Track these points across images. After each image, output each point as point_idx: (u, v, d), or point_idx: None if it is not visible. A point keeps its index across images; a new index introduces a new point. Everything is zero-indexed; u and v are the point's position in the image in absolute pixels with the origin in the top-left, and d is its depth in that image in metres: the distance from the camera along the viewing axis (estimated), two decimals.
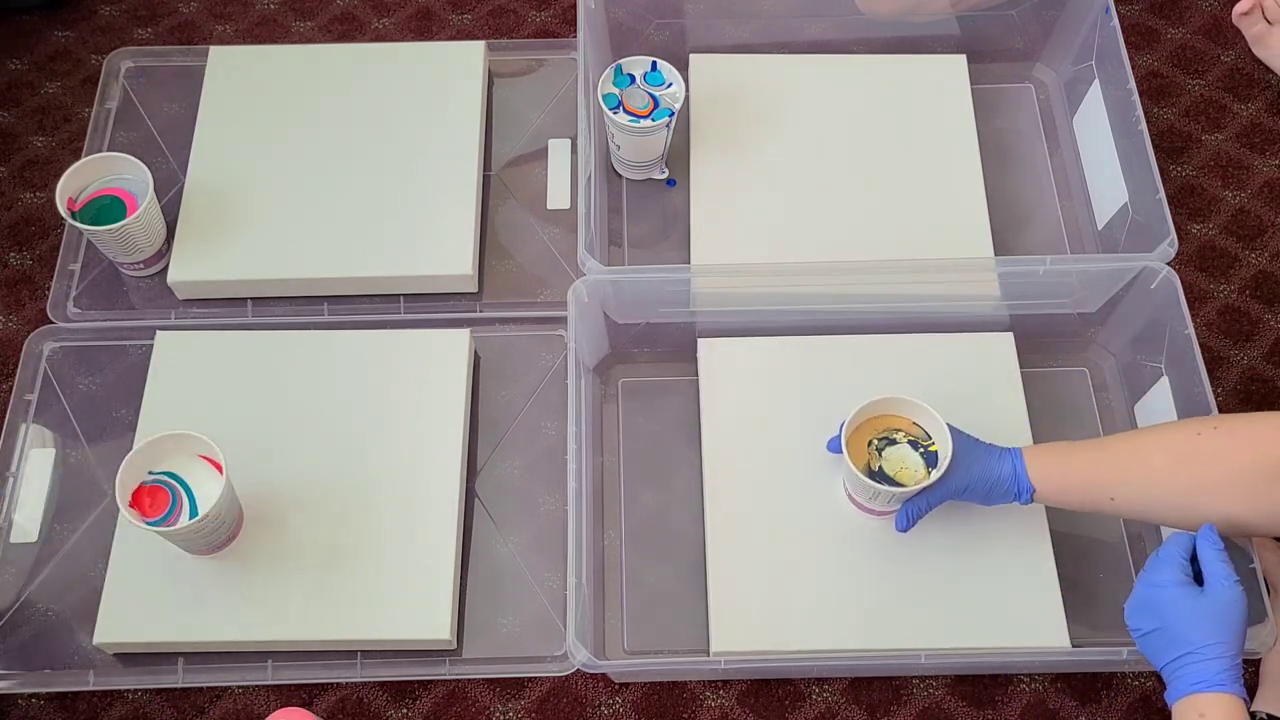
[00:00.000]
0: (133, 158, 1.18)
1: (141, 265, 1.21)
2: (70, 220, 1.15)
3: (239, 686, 1.06)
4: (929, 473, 1.03)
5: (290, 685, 1.06)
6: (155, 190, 1.17)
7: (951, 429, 1.02)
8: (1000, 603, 1.06)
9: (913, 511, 1.03)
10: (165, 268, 1.21)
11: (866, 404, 1.05)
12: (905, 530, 1.04)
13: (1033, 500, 1.00)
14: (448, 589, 1.06)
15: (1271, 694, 1.02)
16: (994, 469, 1.00)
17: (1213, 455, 0.94)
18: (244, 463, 1.11)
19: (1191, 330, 1.09)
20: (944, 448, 1.03)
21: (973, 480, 1.01)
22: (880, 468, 1.04)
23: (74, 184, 1.17)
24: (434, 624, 1.05)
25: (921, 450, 1.04)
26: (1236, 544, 1.00)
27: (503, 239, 1.26)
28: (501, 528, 1.12)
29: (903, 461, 1.04)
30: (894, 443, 1.05)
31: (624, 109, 1.21)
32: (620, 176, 1.29)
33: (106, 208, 1.17)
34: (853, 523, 1.09)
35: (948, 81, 1.32)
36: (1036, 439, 1.12)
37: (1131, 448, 0.98)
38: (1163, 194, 1.13)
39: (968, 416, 1.07)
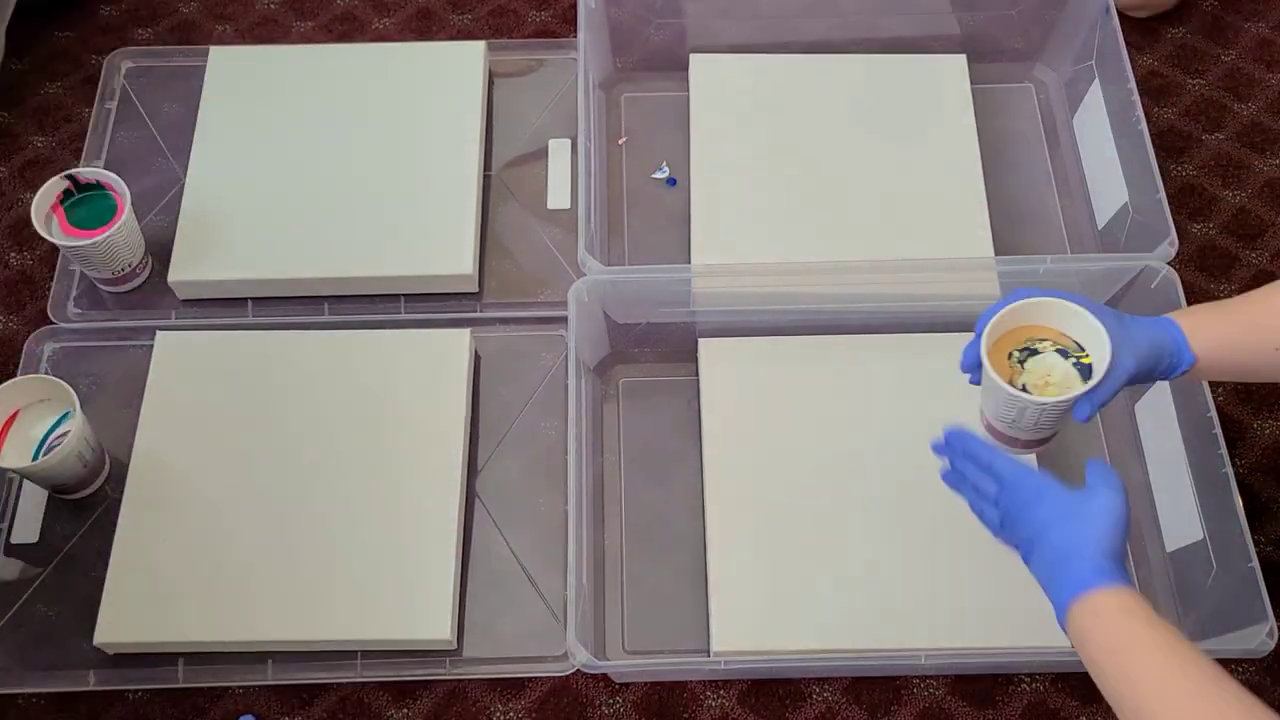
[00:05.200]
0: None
1: (118, 280, 1.21)
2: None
3: (239, 686, 1.06)
4: (1085, 385, 0.89)
5: (290, 685, 1.06)
6: (154, 191, 1.17)
7: (1098, 307, 0.90)
8: (1000, 603, 1.06)
9: (1095, 399, 0.89)
10: (139, 285, 1.22)
11: (1006, 311, 0.91)
12: (1086, 419, 0.90)
13: (1192, 369, 0.91)
14: (448, 589, 1.06)
15: None
16: (1158, 336, 0.90)
17: None
18: (243, 462, 1.11)
19: None
20: (1100, 356, 0.89)
21: (1145, 351, 0.89)
22: (1023, 383, 0.91)
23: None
24: (434, 624, 1.05)
25: (1073, 360, 0.91)
26: (1235, 542, 1.00)
27: (503, 239, 1.26)
28: (501, 528, 1.12)
29: (1049, 373, 0.91)
30: (1037, 353, 0.92)
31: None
32: (620, 176, 1.29)
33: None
34: (853, 522, 1.09)
35: (948, 81, 1.32)
36: None
37: None
38: (1163, 194, 1.13)
39: (968, 416, 1.07)
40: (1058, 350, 0.92)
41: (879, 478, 1.11)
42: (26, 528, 1.11)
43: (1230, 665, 1.07)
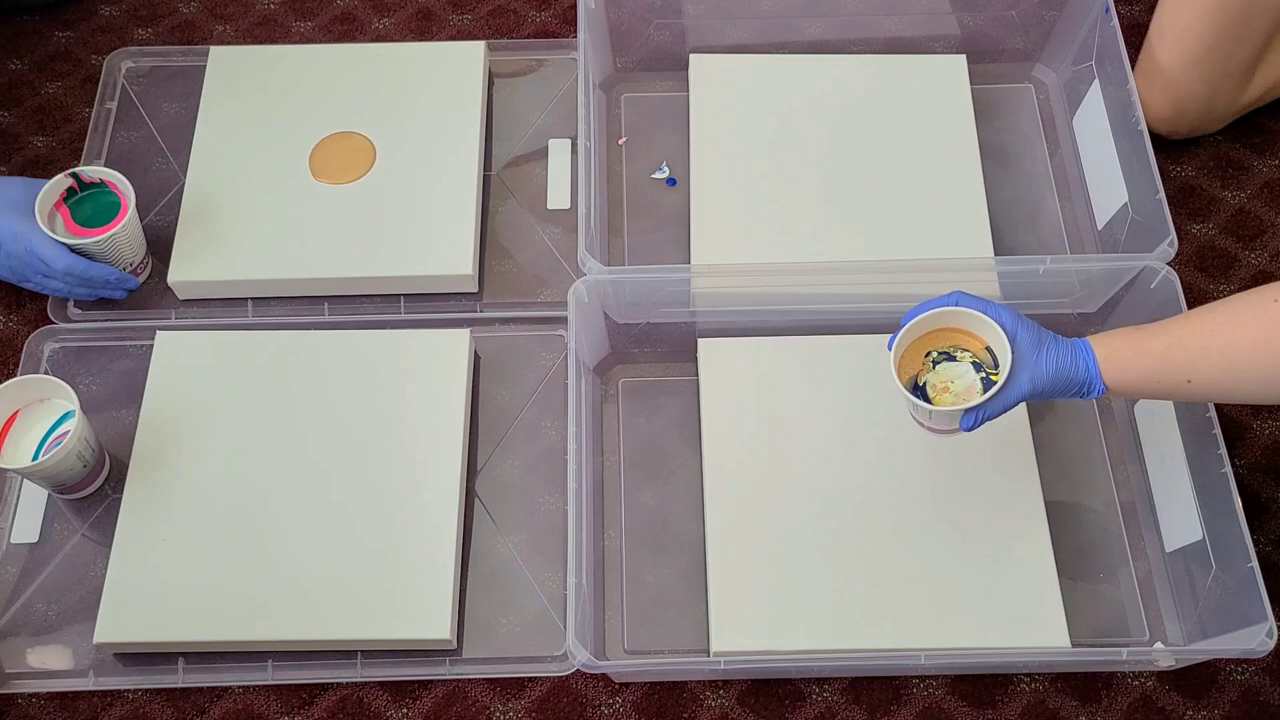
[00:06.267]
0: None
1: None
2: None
3: (239, 686, 1.06)
4: (978, 399, 0.96)
5: (290, 685, 1.06)
6: (154, 191, 1.17)
7: (1019, 317, 0.96)
8: (1000, 603, 1.06)
9: (982, 414, 0.96)
10: (140, 284, 1.22)
11: (942, 311, 0.97)
12: (969, 430, 0.97)
13: (1104, 394, 0.96)
14: (448, 589, 1.06)
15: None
16: (1067, 366, 0.95)
17: None
18: (244, 462, 1.11)
19: None
20: (1001, 378, 0.95)
21: (1046, 380, 0.95)
22: (925, 382, 0.99)
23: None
24: (434, 624, 1.05)
25: (983, 375, 0.97)
26: (1235, 542, 1.00)
27: (503, 239, 1.26)
28: (501, 528, 1.12)
29: (952, 380, 0.98)
30: (953, 359, 0.99)
31: None
32: (620, 176, 1.29)
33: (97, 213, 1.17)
34: (853, 523, 1.09)
35: (948, 81, 1.32)
36: (1036, 437, 1.13)
37: (1206, 326, 0.94)
38: (1162, 194, 1.13)
39: None
40: (974, 362, 0.97)
41: (879, 478, 1.11)
42: (26, 528, 1.11)
43: (1230, 665, 1.08)
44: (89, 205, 1.17)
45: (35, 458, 1.06)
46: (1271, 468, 1.17)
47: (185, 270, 1.20)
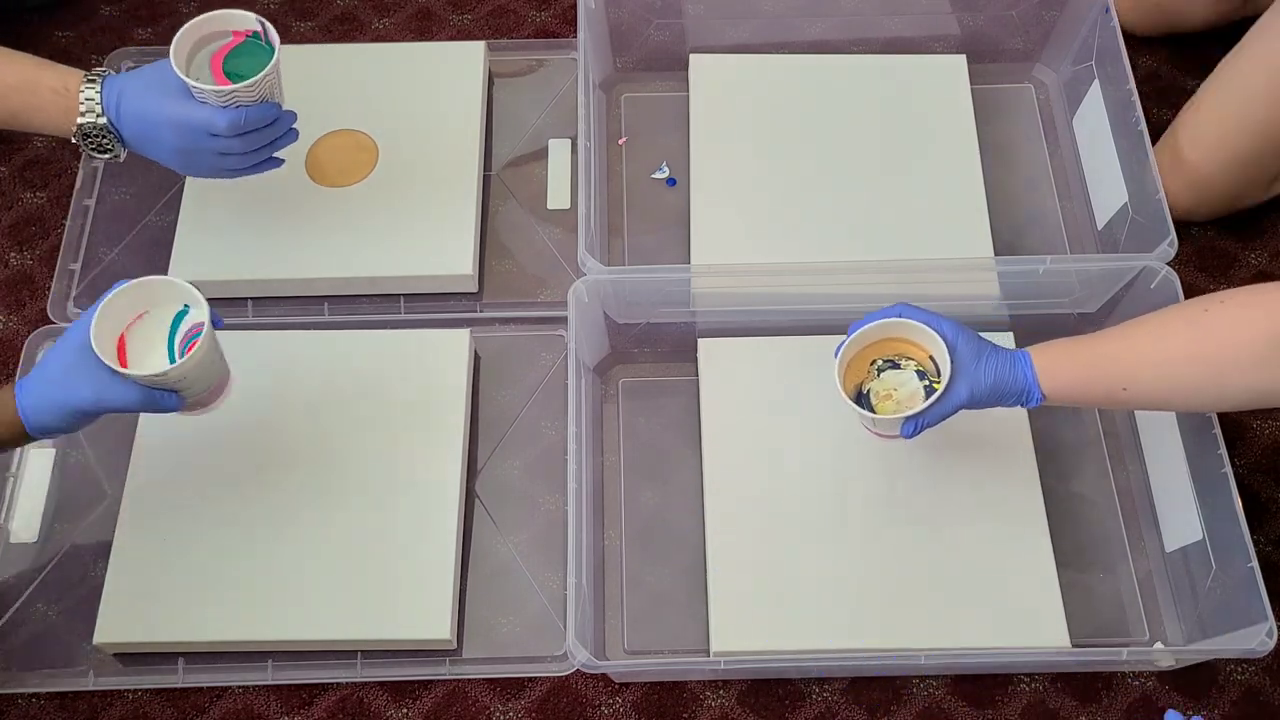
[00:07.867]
0: None
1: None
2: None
3: (239, 686, 1.06)
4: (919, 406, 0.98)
5: (290, 685, 1.06)
6: (154, 191, 1.17)
7: (960, 328, 0.98)
8: (1000, 603, 1.06)
9: (921, 422, 0.98)
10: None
11: (888, 323, 1.00)
12: (910, 436, 0.99)
13: (1042, 403, 0.97)
14: (448, 589, 1.06)
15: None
16: (1005, 376, 0.97)
17: (1228, 329, 0.91)
18: (243, 462, 1.11)
19: None
20: (943, 386, 0.98)
21: (984, 389, 0.97)
22: (869, 389, 1.01)
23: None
24: (434, 624, 1.05)
25: (926, 383, 1.00)
26: (1235, 542, 1.00)
27: (503, 239, 1.26)
28: (501, 528, 1.12)
29: (896, 388, 1.00)
30: (897, 367, 1.01)
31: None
32: (620, 176, 1.29)
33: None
34: (853, 523, 1.09)
35: (948, 81, 1.32)
36: (1036, 438, 1.13)
37: (1140, 335, 0.96)
38: (1163, 194, 1.13)
39: (967, 414, 1.07)
40: (918, 370, 1.00)
41: (879, 478, 1.11)
42: (26, 528, 1.11)
43: (1230, 665, 1.08)
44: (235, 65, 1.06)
45: (172, 361, 0.94)
46: (1271, 468, 1.17)
47: (185, 270, 1.20)
